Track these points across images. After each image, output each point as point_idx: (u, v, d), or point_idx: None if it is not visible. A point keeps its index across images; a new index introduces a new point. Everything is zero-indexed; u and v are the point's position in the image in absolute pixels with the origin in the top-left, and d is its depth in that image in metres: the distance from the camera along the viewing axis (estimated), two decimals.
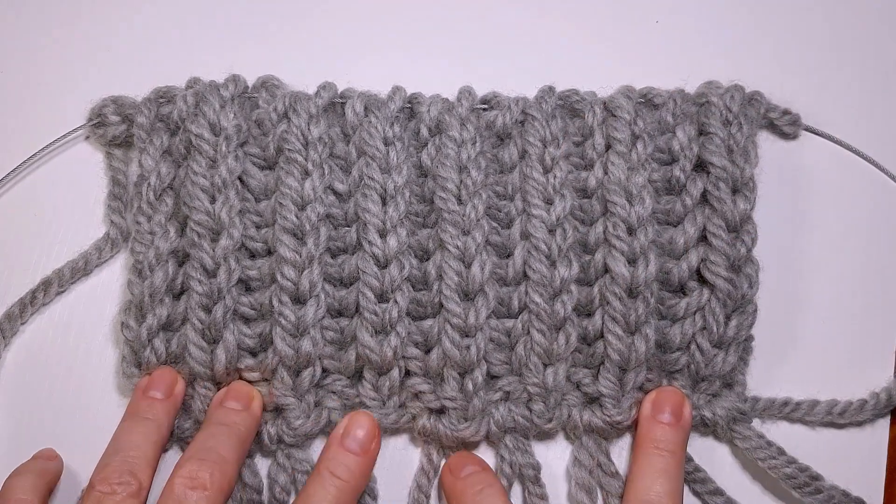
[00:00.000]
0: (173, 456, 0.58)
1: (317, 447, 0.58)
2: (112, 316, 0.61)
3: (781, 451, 0.57)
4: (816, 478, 0.56)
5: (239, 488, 0.56)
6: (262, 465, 0.58)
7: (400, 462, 0.59)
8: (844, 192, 0.64)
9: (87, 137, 0.63)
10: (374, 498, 0.57)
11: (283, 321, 0.56)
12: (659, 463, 0.54)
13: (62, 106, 0.63)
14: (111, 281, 0.61)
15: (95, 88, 0.62)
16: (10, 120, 0.64)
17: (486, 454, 0.59)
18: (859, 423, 0.59)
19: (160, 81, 0.61)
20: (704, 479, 0.58)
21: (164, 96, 0.61)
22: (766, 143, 0.64)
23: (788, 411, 0.59)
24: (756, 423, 0.59)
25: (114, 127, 0.61)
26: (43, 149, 0.62)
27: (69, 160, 0.63)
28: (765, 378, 0.60)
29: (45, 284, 0.60)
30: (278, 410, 0.57)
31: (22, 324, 0.60)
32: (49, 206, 0.62)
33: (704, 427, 0.58)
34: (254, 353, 0.58)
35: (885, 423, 0.59)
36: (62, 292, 0.61)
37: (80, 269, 0.60)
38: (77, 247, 0.61)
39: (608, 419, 0.57)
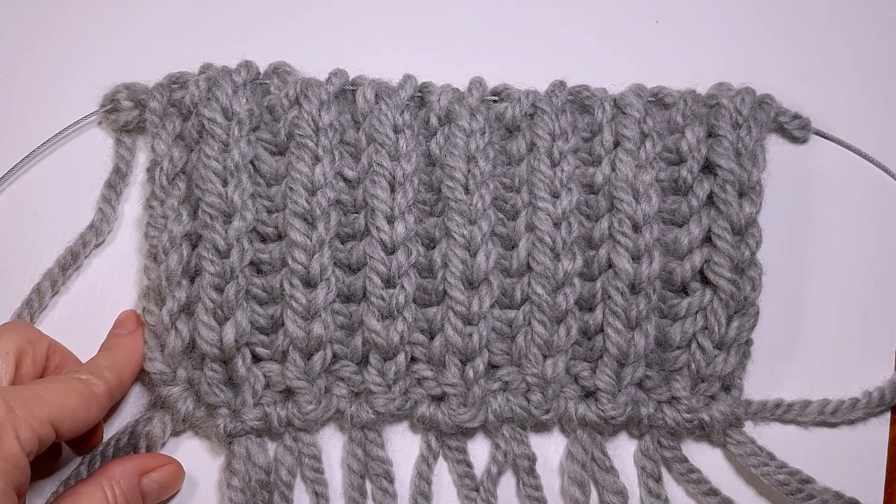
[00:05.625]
0: (185, 441, 0.58)
1: (323, 433, 0.59)
2: (113, 304, 0.60)
3: (772, 457, 0.57)
4: (808, 481, 0.56)
5: (249, 467, 0.56)
6: (270, 448, 0.58)
7: (401, 449, 0.59)
8: (853, 196, 0.64)
9: (100, 123, 0.64)
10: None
11: (294, 304, 0.56)
12: None
13: (75, 92, 0.64)
14: (107, 272, 0.61)
15: (108, 75, 0.63)
16: (25, 106, 0.65)
17: (483, 443, 0.59)
18: (852, 422, 0.59)
19: (172, 68, 0.62)
20: (699, 480, 0.58)
21: (176, 82, 0.61)
22: (776, 146, 0.64)
23: (781, 413, 0.59)
24: (749, 425, 0.59)
25: (126, 112, 0.61)
26: (57, 134, 0.63)
27: (81, 147, 0.64)
28: (767, 380, 0.60)
29: (38, 290, 0.59)
30: (289, 393, 0.58)
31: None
32: (57, 193, 0.63)
33: (700, 430, 0.58)
34: (265, 333, 0.58)
35: (884, 422, 0.60)
36: (56, 293, 0.60)
37: (70, 264, 0.60)
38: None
39: (602, 413, 0.57)
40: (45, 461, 0.55)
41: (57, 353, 0.55)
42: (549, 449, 0.59)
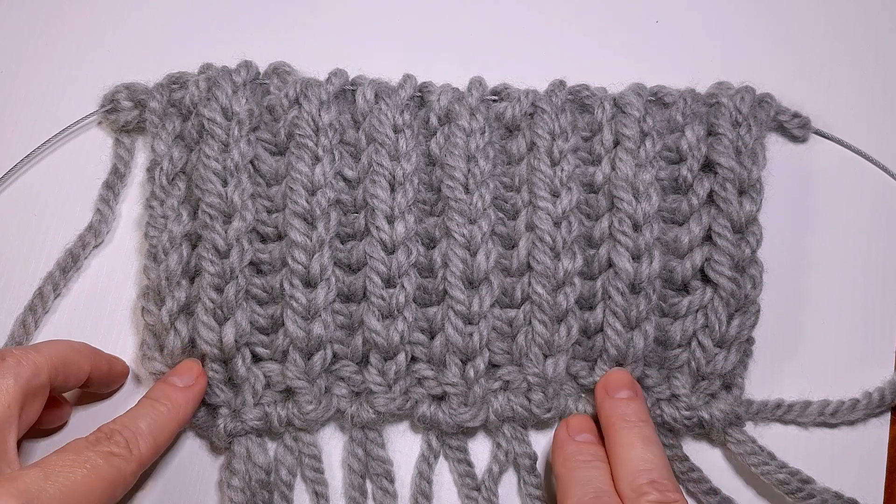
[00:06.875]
0: (185, 441, 0.58)
1: (324, 433, 0.59)
2: (114, 304, 0.61)
3: (773, 456, 0.57)
4: (808, 481, 0.56)
5: (249, 467, 0.56)
6: (270, 447, 0.58)
7: (402, 449, 0.59)
8: (852, 195, 0.64)
9: (100, 123, 0.64)
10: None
11: (295, 304, 0.56)
12: (638, 433, 0.53)
13: (75, 93, 0.64)
14: (107, 273, 0.61)
15: (108, 75, 0.63)
16: (25, 106, 0.64)
17: (484, 442, 0.59)
18: (852, 423, 0.59)
19: (172, 68, 0.62)
20: (699, 479, 0.58)
21: (176, 82, 0.61)
22: (776, 145, 0.64)
23: (781, 413, 0.59)
24: (749, 426, 0.59)
25: (126, 112, 0.61)
26: (57, 134, 0.63)
27: (81, 147, 0.63)
28: (768, 379, 0.60)
29: (40, 294, 0.59)
30: (290, 393, 0.58)
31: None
32: (57, 193, 0.62)
33: (700, 429, 0.58)
34: (265, 333, 0.58)
35: (884, 422, 0.60)
36: (59, 295, 0.60)
37: (70, 266, 0.60)
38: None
39: None
40: None
41: (60, 372, 0.51)
42: (549, 447, 0.59)
